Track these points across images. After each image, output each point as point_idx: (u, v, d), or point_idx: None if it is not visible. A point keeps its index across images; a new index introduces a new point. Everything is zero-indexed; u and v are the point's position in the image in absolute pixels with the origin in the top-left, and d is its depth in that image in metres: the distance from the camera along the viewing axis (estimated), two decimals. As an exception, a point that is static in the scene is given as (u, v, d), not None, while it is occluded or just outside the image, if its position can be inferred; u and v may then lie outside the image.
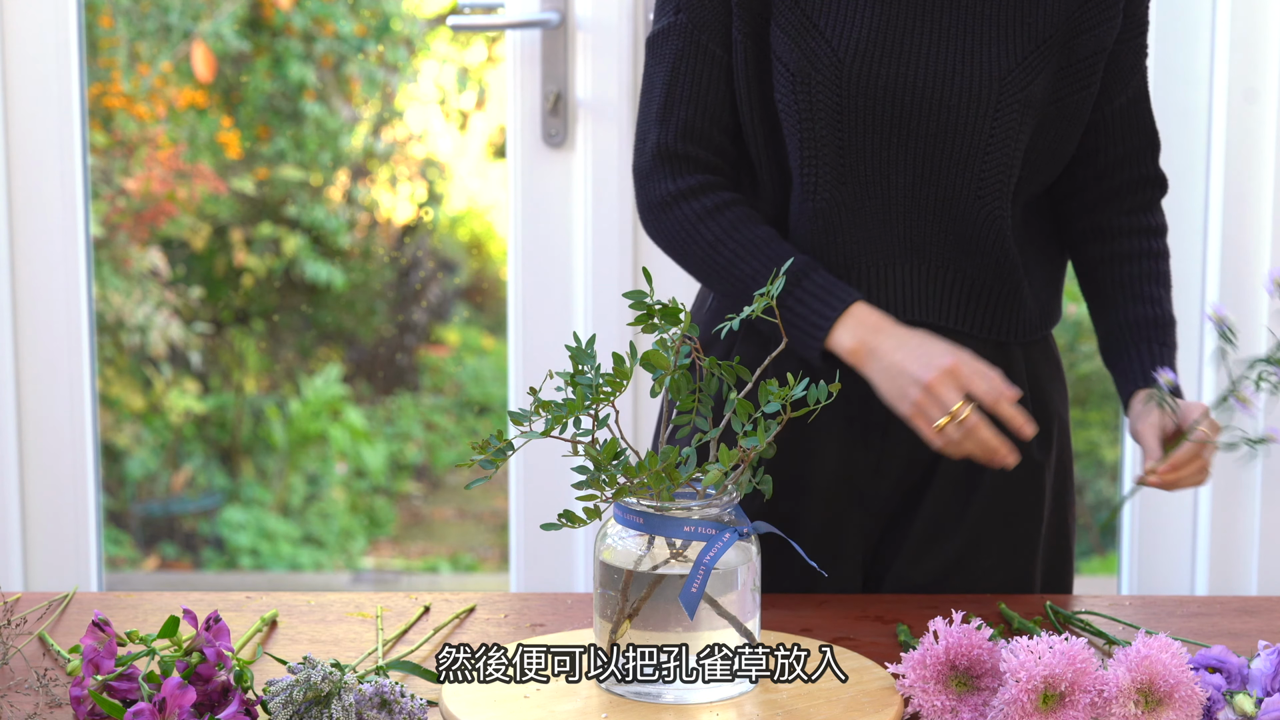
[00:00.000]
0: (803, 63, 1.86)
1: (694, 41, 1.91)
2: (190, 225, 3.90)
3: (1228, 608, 1.88)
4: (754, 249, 1.88)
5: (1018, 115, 1.88)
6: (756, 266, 1.87)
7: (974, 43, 1.87)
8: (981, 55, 1.87)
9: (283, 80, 3.88)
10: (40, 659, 1.71)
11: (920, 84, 1.86)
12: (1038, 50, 1.88)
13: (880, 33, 1.87)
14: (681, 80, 1.92)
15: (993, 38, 1.87)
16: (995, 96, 1.87)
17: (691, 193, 1.92)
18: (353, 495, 4.10)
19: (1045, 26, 1.88)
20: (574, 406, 1.53)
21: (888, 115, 1.87)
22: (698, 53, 1.91)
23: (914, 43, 1.87)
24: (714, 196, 1.91)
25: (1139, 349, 1.95)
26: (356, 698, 1.47)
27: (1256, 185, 2.84)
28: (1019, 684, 1.45)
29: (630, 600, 1.56)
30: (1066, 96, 1.91)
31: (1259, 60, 2.81)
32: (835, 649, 1.67)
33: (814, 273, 1.86)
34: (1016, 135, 1.88)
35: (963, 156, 1.87)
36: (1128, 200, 1.99)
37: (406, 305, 4.06)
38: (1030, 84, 1.88)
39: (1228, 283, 2.84)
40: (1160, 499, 2.94)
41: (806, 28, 1.87)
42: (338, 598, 1.90)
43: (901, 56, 1.86)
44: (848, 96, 1.86)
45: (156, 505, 4.03)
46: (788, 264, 1.66)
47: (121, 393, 3.93)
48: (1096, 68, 1.92)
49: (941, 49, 1.87)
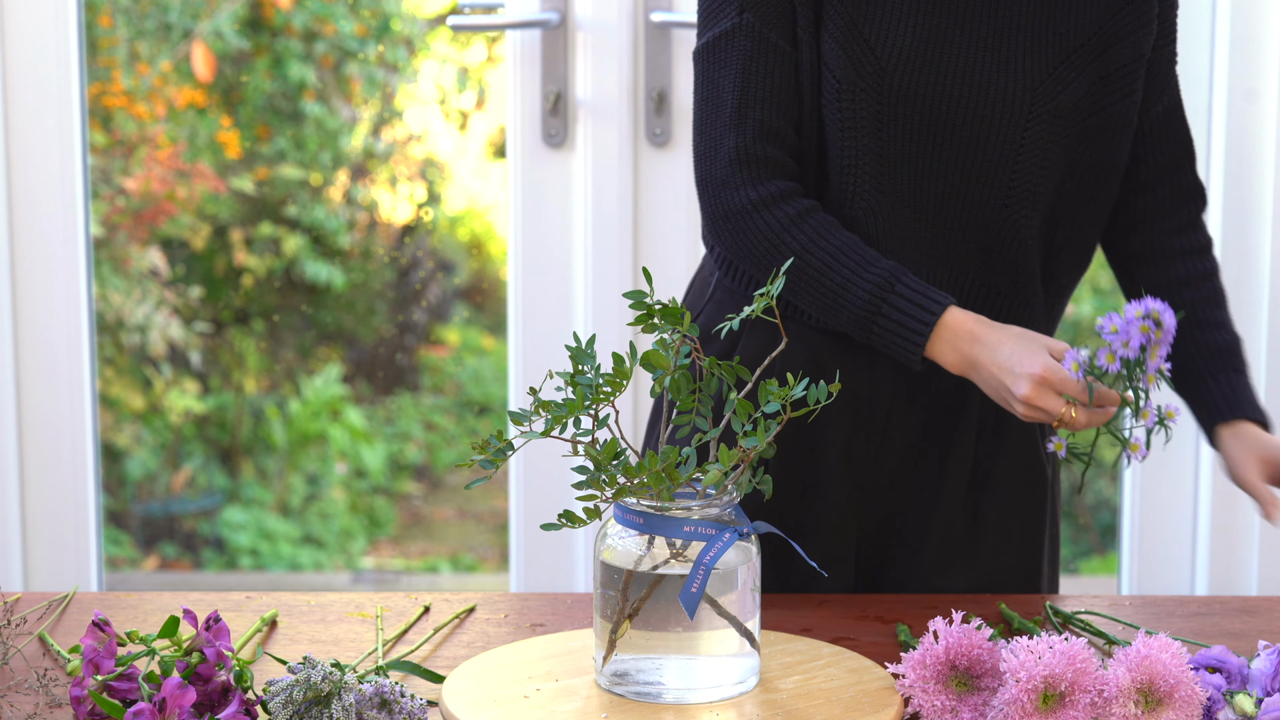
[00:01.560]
0: (849, 70, 1.86)
1: (763, 39, 1.88)
2: (190, 225, 3.90)
3: (1228, 608, 1.88)
4: (842, 256, 1.84)
5: (1047, 125, 1.88)
6: (847, 275, 1.83)
7: (1009, 52, 1.88)
8: (1015, 65, 1.87)
9: (283, 80, 3.88)
10: (40, 659, 1.71)
11: (956, 93, 1.87)
12: (1068, 59, 1.88)
13: (923, 42, 1.87)
14: (754, 81, 1.88)
15: (1026, 47, 1.88)
16: (1027, 106, 1.87)
17: (774, 200, 1.87)
18: (353, 495, 4.09)
19: (1077, 36, 1.88)
20: (574, 406, 1.53)
21: (924, 124, 1.87)
22: (768, 51, 1.88)
23: (953, 52, 1.87)
24: (796, 204, 1.87)
25: (1216, 380, 1.93)
26: (356, 698, 1.47)
27: (1256, 185, 2.84)
28: (1019, 684, 1.45)
29: (630, 600, 1.56)
30: (1109, 106, 1.91)
31: (1259, 60, 2.81)
32: (835, 649, 1.68)
33: (902, 280, 1.82)
34: (1046, 145, 1.88)
35: (993, 166, 1.88)
36: (1173, 217, 1.99)
37: (406, 305, 4.06)
38: (1061, 93, 1.88)
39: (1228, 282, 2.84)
40: (1160, 499, 2.94)
41: (853, 36, 1.87)
42: (338, 598, 1.90)
43: (941, 66, 1.87)
44: (888, 105, 1.86)
45: (156, 505, 4.03)
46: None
47: (121, 393, 3.93)
48: (1136, 75, 1.91)
49: (977, 59, 1.87)
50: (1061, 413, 1.73)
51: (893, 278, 1.82)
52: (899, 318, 1.82)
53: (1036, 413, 1.75)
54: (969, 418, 1.96)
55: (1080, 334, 3.81)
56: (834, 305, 1.84)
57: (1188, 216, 2.00)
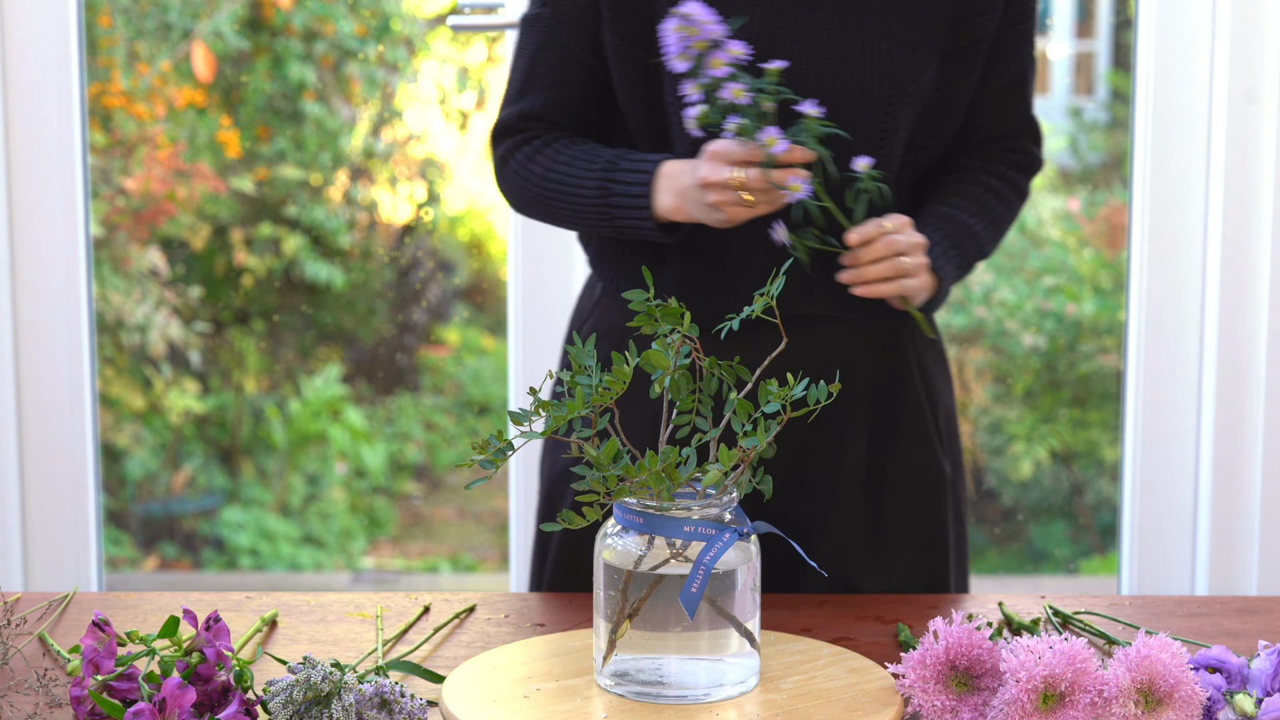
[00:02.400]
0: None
1: (554, 37, 1.94)
2: (190, 225, 3.90)
3: (1228, 608, 1.88)
4: (575, 162, 1.91)
5: (909, 106, 1.89)
6: (579, 175, 1.90)
7: (863, 37, 1.88)
8: (871, 49, 1.87)
9: (283, 80, 3.88)
10: (40, 659, 1.71)
11: (811, 80, 1.87)
12: (925, 41, 1.89)
13: (768, 30, 1.87)
14: (539, 71, 1.96)
15: (881, 31, 1.88)
16: (888, 90, 1.87)
17: (519, 145, 1.96)
18: (353, 495, 4.09)
19: (933, 17, 1.89)
20: (574, 406, 1.53)
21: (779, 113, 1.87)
22: (556, 48, 1.95)
23: (804, 40, 1.87)
24: (540, 139, 1.95)
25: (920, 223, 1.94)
26: (356, 698, 1.47)
27: (1256, 185, 2.84)
28: (1019, 684, 1.45)
29: (630, 600, 1.56)
30: (950, 82, 1.92)
31: (1259, 60, 2.81)
32: (835, 649, 1.68)
33: (624, 158, 1.88)
34: (905, 126, 1.90)
35: (854, 150, 1.88)
36: (981, 150, 2.01)
37: (406, 305, 4.06)
38: (921, 75, 1.88)
39: (1228, 283, 2.84)
40: (1160, 499, 2.94)
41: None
42: (338, 598, 1.90)
43: (791, 54, 1.87)
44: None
45: (156, 505, 4.03)
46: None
47: (121, 392, 3.93)
48: (978, 54, 1.93)
49: (832, 45, 1.87)
50: (735, 177, 1.77)
51: (615, 158, 1.88)
52: (624, 189, 1.87)
53: (719, 192, 1.78)
54: (859, 417, 1.96)
55: (1080, 334, 3.81)
56: (579, 208, 1.90)
57: (999, 153, 2.01)
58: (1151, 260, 2.88)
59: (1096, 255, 3.87)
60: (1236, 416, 2.87)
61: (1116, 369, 3.76)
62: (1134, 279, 2.90)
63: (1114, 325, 3.77)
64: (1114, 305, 3.76)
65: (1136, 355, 2.90)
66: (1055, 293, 3.83)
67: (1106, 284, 3.83)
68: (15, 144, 2.87)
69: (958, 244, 1.93)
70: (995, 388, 3.95)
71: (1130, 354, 2.91)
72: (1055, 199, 3.93)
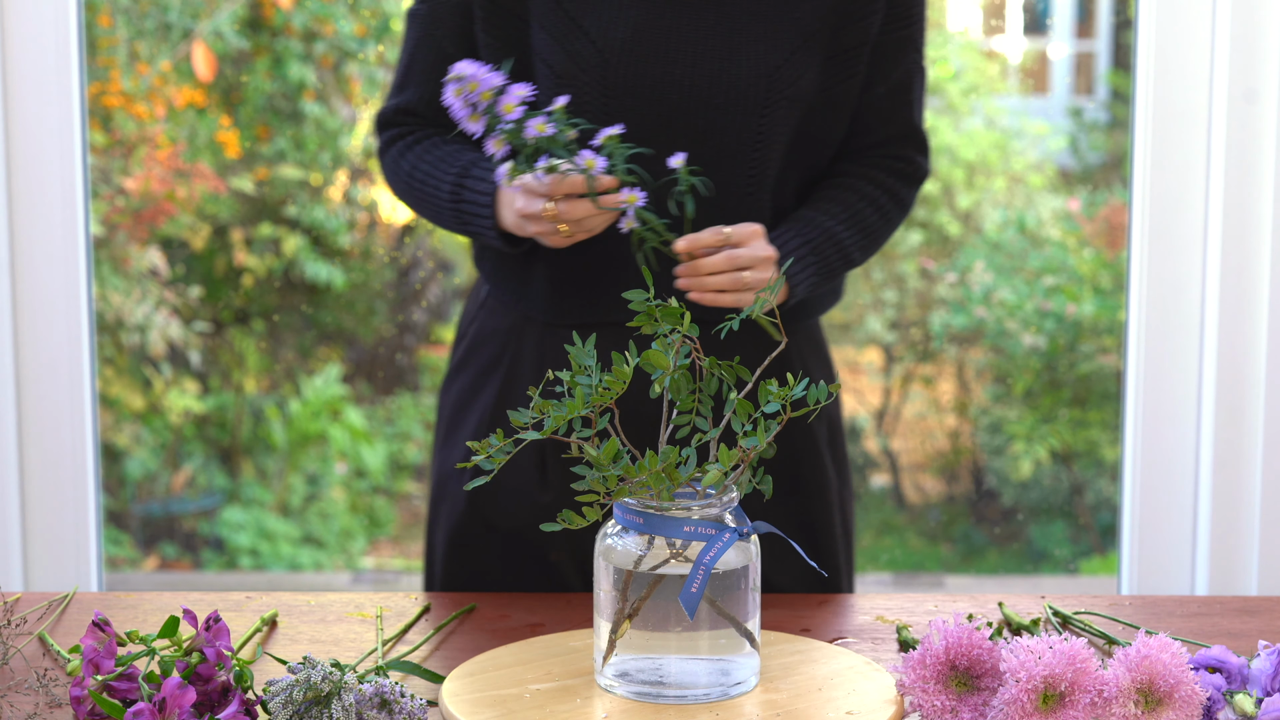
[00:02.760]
0: (567, 63, 1.86)
1: (430, 35, 1.95)
2: (190, 225, 3.90)
3: (1228, 608, 1.88)
4: (438, 164, 1.93)
5: (786, 110, 1.88)
6: (439, 176, 1.92)
7: (741, 39, 1.87)
8: (749, 51, 1.87)
9: (283, 80, 3.88)
10: (40, 659, 1.71)
11: (687, 82, 1.86)
12: (804, 45, 1.88)
13: (644, 31, 1.86)
14: (416, 65, 1.97)
15: (759, 34, 1.87)
16: (764, 93, 1.87)
17: (396, 137, 1.99)
18: (353, 495, 4.09)
19: (812, 20, 1.88)
20: (574, 407, 1.53)
21: (654, 114, 1.87)
22: (432, 45, 1.96)
23: (679, 41, 1.87)
24: (413, 135, 1.97)
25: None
26: (356, 698, 1.47)
27: (1256, 185, 2.84)
28: (1019, 684, 1.45)
29: (630, 600, 1.56)
30: (833, 86, 1.91)
31: (1259, 60, 2.81)
32: (835, 649, 1.67)
33: (477, 165, 1.90)
34: (784, 130, 1.89)
35: (731, 153, 1.88)
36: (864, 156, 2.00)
37: (406, 305, 4.06)
38: (799, 79, 1.88)
39: (1228, 282, 2.84)
40: (1160, 499, 2.94)
41: (570, 28, 1.87)
42: (338, 598, 1.90)
43: (668, 55, 1.86)
44: (614, 96, 1.86)
45: (156, 505, 4.02)
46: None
47: (121, 393, 3.93)
48: (860, 58, 1.92)
49: (708, 47, 1.87)
50: (548, 209, 1.78)
51: (469, 165, 1.90)
52: (472, 197, 1.88)
53: (539, 225, 1.80)
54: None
55: (1081, 334, 3.81)
56: (437, 210, 1.93)
57: (881, 160, 2.00)
58: (1151, 260, 2.88)
59: (1096, 255, 3.87)
60: (1236, 416, 2.87)
61: (1116, 369, 3.76)
62: (1134, 279, 2.90)
63: (1114, 325, 3.77)
64: (1114, 305, 3.76)
65: (1136, 355, 2.90)
66: (1055, 293, 3.83)
67: (1106, 284, 3.83)
68: (15, 144, 2.87)
69: (819, 251, 1.92)
70: (995, 388, 3.95)
71: (1130, 354, 2.91)
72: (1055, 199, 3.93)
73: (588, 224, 1.79)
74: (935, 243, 3.96)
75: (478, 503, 2.00)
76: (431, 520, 2.07)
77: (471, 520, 2.01)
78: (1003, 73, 4.09)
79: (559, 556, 1.98)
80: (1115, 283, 3.78)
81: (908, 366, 4.04)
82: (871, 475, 4.10)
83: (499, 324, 2.00)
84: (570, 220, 1.78)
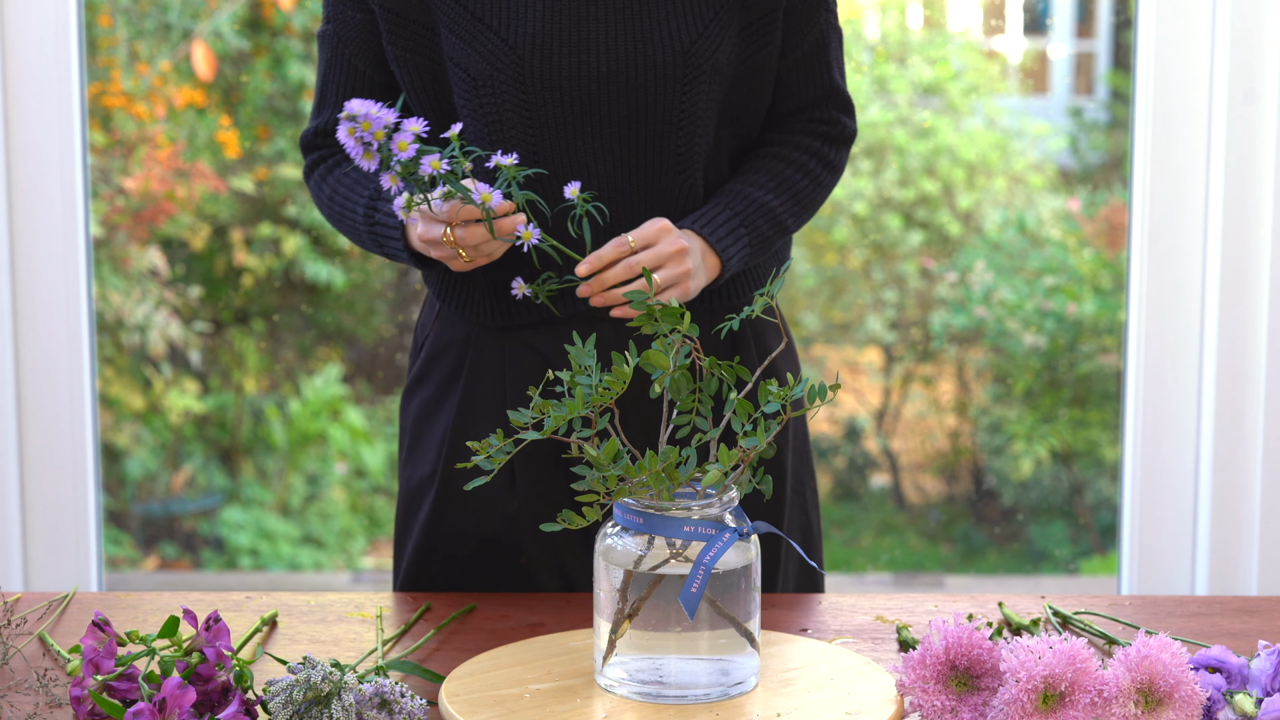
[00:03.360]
0: (481, 65, 1.86)
1: (340, 55, 1.96)
2: (190, 225, 3.90)
3: (1228, 608, 1.88)
4: (355, 188, 1.94)
5: (706, 84, 1.88)
6: (354, 199, 1.93)
7: (652, 20, 1.87)
8: (662, 31, 1.87)
9: (283, 80, 3.88)
10: (40, 659, 1.71)
11: (604, 69, 1.86)
12: (717, 17, 1.88)
13: (555, 24, 1.86)
14: (330, 86, 1.98)
15: (670, 11, 1.87)
16: (682, 70, 1.87)
17: (318, 160, 2.01)
18: (353, 495, 4.09)
19: None
20: (574, 407, 1.53)
21: (577, 105, 1.86)
22: (343, 65, 1.96)
23: (592, 29, 1.87)
24: (333, 159, 1.99)
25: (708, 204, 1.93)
26: (356, 698, 1.47)
27: (1256, 185, 2.84)
28: (1019, 684, 1.45)
29: (630, 600, 1.56)
30: (752, 55, 1.92)
31: (1259, 60, 2.81)
32: (835, 648, 1.68)
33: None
34: (707, 104, 1.89)
35: (658, 134, 1.87)
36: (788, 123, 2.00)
37: (406, 305, 4.06)
38: (716, 51, 1.88)
39: (1228, 282, 2.84)
40: (1160, 499, 2.94)
41: (479, 29, 1.87)
42: (338, 598, 1.90)
43: (581, 45, 1.86)
44: (533, 92, 1.86)
45: (156, 505, 4.02)
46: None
47: (121, 393, 3.93)
48: (774, 24, 1.92)
49: (621, 31, 1.87)
50: (447, 236, 1.78)
51: (379, 188, 1.91)
52: (384, 219, 1.89)
53: (440, 250, 1.80)
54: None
55: (1080, 334, 3.81)
56: (355, 232, 1.94)
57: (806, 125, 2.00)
58: (1151, 260, 2.88)
59: (1096, 255, 3.87)
60: (1236, 416, 2.87)
61: (1116, 369, 3.76)
62: (1134, 279, 2.90)
63: (1114, 325, 3.77)
64: (1114, 305, 3.76)
65: (1136, 355, 2.90)
66: (1055, 293, 3.83)
67: (1106, 284, 3.83)
68: (15, 144, 2.87)
69: (749, 222, 1.91)
70: (995, 388, 3.95)
71: (1130, 354, 2.91)
72: (1055, 199, 3.93)
73: (485, 249, 1.79)
74: (935, 243, 3.96)
75: (446, 513, 1.99)
76: (400, 533, 2.06)
77: (440, 530, 2.00)
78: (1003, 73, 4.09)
79: (526, 561, 1.98)
80: (1115, 283, 3.78)
81: (908, 366, 4.04)
82: (871, 475, 4.10)
83: (455, 334, 1.99)
84: (468, 246, 1.78)
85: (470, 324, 1.96)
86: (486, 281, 1.93)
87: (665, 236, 1.83)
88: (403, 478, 2.07)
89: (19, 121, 2.86)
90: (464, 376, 1.97)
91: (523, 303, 1.92)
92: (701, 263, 1.86)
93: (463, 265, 1.82)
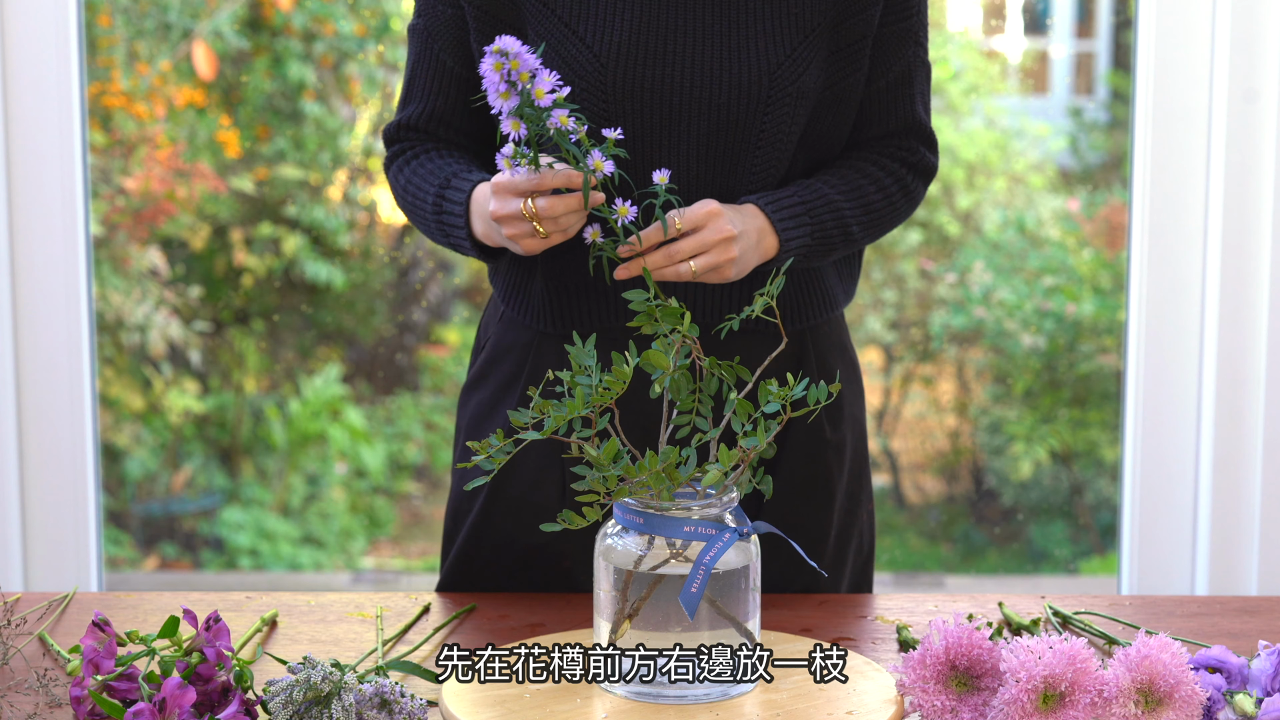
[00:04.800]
0: (565, 70, 1.86)
1: (429, 49, 1.96)
2: (190, 225, 3.90)
3: (1228, 608, 1.88)
4: (429, 176, 1.93)
5: (790, 107, 1.87)
6: (426, 189, 1.93)
7: (741, 39, 1.87)
8: (749, 50, 1.87)
9: (282, 80, 3.88)
10: (40, 659, 1.71)
11: (688, 84, 1.86)
12: (806, 40, 1.88)
13: (641, 34, 1.86)
14: (417, 81, 1.98)
15: (759, 31, 1.87)
16: (766, 91, 1.86)
17: (398, 153, 2.00)
18: (353, 495, 4.09)
19: (812, 16, 1.88)
20: (574, 407, 1.53)
21: (657, 117, 1.86)
22: (431, 60, 1.96)
23: (678, 43, 1.87)
24: (412, 151, 1.98)
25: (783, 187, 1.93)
26: (356, 698, 1.47)
27: (1256, 185, 2.84)
28: (1019, 684, 1.45)
29: (630, 600, 1.56)
30: (838, 81, 1.91)
31: (1259, 60, 2.81)
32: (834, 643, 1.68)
33: (458, 176, 1.90)
34: (789, 127, 1.88)
35: (736, 152, 1.87)
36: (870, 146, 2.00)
37: (406, 305, 4.06)
38: (802, 75, 1.87)
39: (1228, 282, 2.84)
40: (1160, 499, 2.94)
41: (565, 35, 1.87)
42: (338, 598, 1.90)
43: (666, 58, 1.86)
44: (614, 101, 1.86)
45: (156, 505, 4.02)
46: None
47: (121, 393, 3.93)
48: (863, 51, 1.92)
49: (708, 47, 1.87)
50: (525, 208, 1.75)
51: (450, 176, 1.90)
52: (450, 208, 1.89)
53: (515, 226, 1.77)
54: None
55: (1080, 334, 3.81)
56: (426, 223, 1.93)
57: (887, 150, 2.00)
58: (1151, 260, 2.88)
59: (1096, 255, 3.87)
60: (1236, 416, 2.87)
61: (1116, 369, 3.76)
62: (1134, 279, 2.90)
63: (1114, 325, 3.77)
64: (1114, 305, 3.76)
65: (1136, 355, 2.90)
66: (1055, 293, 3.83)
67: (1106, 284, 3.83)
68: (15, 144, 2.87)
69: (814, 213, 1.89)
70: (995, 388, 3.95)
71: (1130, 354, 2.91)
72: (1055, 199, 3.93)
73: (564, 223, 1.77)
74: (935, 243, 3.96)
75: (494, 517, 1.99)
76: (449, 532, 2.06)
77: (486, 533, 2.00)
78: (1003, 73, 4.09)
79: (569, 564, 1.98)
80: (1115, 283, 3.78)
81: (908, 366, 4.04)
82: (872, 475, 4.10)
83: (516, 338, 1.99)
84: (549, 219, 1.76)
85: (532, 330, 1.96)
86: (544, 288, 1.93)
87: (712, 222, 1.81)
88: (455, 476, 2.07)
89: (19, 121, 2.86)
90: (523, 381, 1.96)
91: (579, 312, 1.91)
92: (756, 244, 1.84)
93: (535, 244, 1.79)
